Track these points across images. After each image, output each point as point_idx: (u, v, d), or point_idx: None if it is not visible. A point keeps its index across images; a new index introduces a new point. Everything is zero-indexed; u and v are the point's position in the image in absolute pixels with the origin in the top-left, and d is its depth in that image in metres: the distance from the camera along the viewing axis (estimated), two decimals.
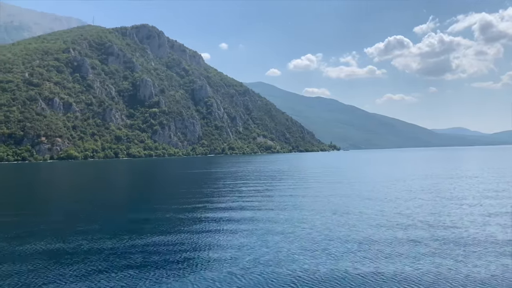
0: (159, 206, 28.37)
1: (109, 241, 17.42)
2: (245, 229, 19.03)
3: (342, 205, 25.79)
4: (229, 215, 23.43)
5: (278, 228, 19.01)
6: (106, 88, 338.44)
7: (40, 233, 19.76)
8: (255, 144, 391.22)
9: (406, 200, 28.06)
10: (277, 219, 21.35)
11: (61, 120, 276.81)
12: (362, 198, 29.63)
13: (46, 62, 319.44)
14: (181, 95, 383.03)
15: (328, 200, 28.71)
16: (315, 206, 25.70)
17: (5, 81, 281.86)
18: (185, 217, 23.23)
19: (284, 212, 23.57)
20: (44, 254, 15.58)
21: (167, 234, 18.51)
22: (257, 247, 15.62)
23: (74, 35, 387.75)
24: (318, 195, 32.40)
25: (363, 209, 24.08)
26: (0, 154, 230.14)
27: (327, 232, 17.81)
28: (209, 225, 20.49)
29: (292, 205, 26.52)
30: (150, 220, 22.75)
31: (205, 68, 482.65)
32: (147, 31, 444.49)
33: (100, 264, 13.90)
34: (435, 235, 16.79)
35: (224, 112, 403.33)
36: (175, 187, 46.37)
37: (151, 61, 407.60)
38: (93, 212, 27.12)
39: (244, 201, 29.70)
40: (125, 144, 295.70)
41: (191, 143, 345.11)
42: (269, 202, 28.45)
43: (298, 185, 41.91)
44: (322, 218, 21.48)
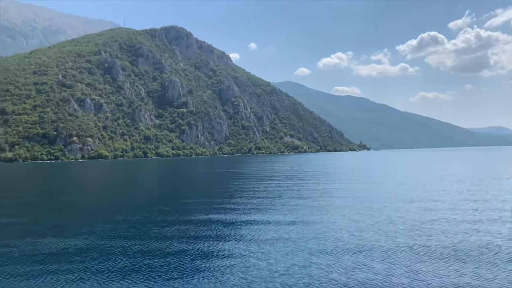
0: (187, 205, 28.26)
1: (135, 239, 17.34)
2: (273, 231, 18.35)
3: (377, 209, 23.91)
4: (256, 216, 22.71)
5: (308, 231, 18.08)
6: (135, 89, 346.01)
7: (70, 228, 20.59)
8: (282, 144, 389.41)
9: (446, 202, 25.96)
10: (306, 222, 20.29)
11: (92, 121, 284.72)
12: (394, 201, 27.59)
13: (79, 64, 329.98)
14: (208, 95, 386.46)
15: (360, 203, 26.79)
16: (347, 210, 24.04)
17: (40, 83, 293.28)
18: (219, 217, 22.69)
19: (314, 215, 22.45)
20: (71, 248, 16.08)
21: (192, 234, 18.09)
22: (286, 252, 14.68)
23: (106, 37, 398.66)
24: (348, 196, 30.80)
25: (397, 213, 22.34)
26: (34, 154, 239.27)
27: (358, 241, 16.26)
28: (237, 226, 19.84)
29: (323, 207, 25.27)
30: (177, 219, 22.45)
31: (232, 68, 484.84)
32: (175, 32, 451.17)
33: (121, 262, 13.89)
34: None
35: (251, 111, 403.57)
36: (212, 186, 45.74)
37: (180, 62, 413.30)
38: (114, 209, 27.52)
39: (270, 202, 28.53)
40: (154, 143, 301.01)
41: (218, 142, 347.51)
42: (299, 205, 26.83)
43: (329, 186, 40.29)
44: (355, 223, 19.87)
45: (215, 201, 30.21)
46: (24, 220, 23.42)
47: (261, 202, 28.58)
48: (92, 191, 45.45)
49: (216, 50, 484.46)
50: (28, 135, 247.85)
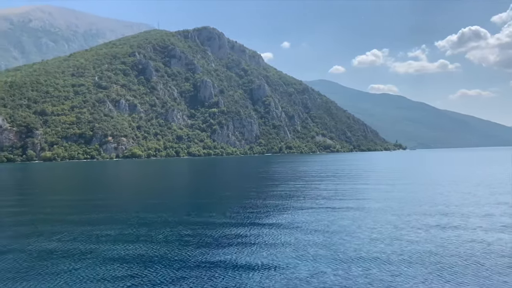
0: (226, 204, 28.42)
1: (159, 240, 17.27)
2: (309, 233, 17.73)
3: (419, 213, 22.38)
4: (294, 217, 22.19)
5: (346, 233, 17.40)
6: (168, 90, 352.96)
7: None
8: (313, 143, 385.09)
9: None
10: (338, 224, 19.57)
11: (126, 121, 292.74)
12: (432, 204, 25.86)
13: (114, 66, 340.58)
14: (239, 95, 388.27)
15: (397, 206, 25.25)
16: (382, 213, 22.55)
17: (78, 85, 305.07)
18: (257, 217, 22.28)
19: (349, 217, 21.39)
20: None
21: (226, 235, 17.80)
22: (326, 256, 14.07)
23: (140, 39, 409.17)
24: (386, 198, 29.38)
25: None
26: (72, 153, 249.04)
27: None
28: (269, 228, 19.22)
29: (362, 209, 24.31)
30: (215, 217, 22.55)
31: (264, 67, 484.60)
32: (208, 33, 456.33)
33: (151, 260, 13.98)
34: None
35: (282, 111, 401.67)
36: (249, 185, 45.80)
37: (212, 62, 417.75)
38: (169, 208, 28.15)
39: (302, 202, 27.97)
40: (186, 143, 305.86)
41: (248, 142, 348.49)
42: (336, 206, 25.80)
43: (365, 186, 39.37)
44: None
45: (261, 201, 29.34)
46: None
47: (297, 202, 27.94)
48: (143, 189, 47.43)
49: (248, 50, 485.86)
50: (66, 135, 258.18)
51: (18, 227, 21.18)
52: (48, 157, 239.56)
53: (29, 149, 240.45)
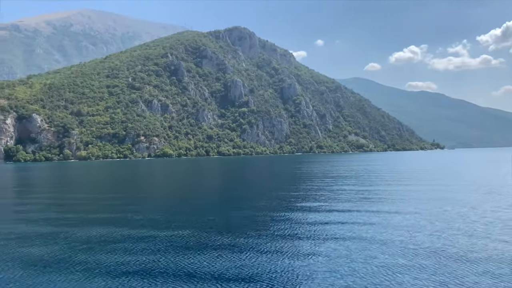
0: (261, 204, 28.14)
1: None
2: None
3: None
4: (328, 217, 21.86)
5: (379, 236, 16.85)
6: (199, 90, 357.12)
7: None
8: (345, 143, 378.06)
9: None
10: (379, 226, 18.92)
11: (158, 121, 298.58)
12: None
13: (147, 67, 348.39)
14: (270, 94, 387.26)
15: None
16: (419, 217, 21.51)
17: (112, 86, 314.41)
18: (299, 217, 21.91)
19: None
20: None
21: (259, 235, 17.48)
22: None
23: (173, 41, 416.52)
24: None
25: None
26: (105, 152, 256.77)
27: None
28: (313, 226, 19.15)
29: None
30: (248, 217, 22.48)
31: (295, 66, 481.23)
32: (239, 32, 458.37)
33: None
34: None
35: (313, 109, 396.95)
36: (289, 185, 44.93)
37: (242, 62, 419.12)
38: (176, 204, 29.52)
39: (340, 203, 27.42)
40: (216, 142, 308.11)
41: (278, 141, 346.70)
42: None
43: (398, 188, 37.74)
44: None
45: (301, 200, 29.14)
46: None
47: (335, 202, 27.44)
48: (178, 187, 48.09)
49: (279, 49, 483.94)
50: (100, 134, 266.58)
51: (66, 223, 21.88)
52: (83, 156, 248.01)
53: (66, 149, 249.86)
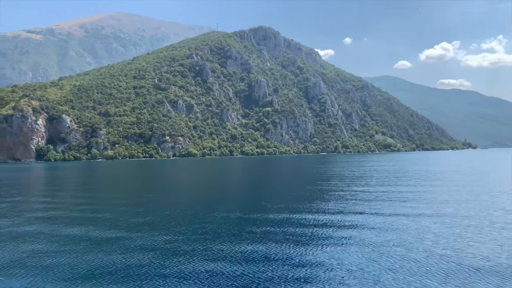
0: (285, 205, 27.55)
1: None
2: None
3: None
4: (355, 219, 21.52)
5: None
6: (224, 90, 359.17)
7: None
8: (372, 142, 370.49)
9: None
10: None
11: (183, 121, 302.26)
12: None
13: (173, 68, 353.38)
14: (294, 94, 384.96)
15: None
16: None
17: (139, 87, 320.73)
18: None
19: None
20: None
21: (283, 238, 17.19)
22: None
23: (198, 41, 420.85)
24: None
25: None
26: (132, 152, 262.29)
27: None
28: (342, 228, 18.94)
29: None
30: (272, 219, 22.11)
31: (321, 64, 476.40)
32: (263, 32, 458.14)
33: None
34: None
35: (339, 108, 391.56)
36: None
37: (267, 62, 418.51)
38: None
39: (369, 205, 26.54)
40: (240, 142, 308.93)
41: (302, 141, 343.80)
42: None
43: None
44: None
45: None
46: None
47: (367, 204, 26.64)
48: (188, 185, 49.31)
49: (304, 48, 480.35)
50: (126, 134, 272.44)
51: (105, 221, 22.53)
52: (110, 156, 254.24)
53: (94, 148, 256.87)
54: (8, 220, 23.45)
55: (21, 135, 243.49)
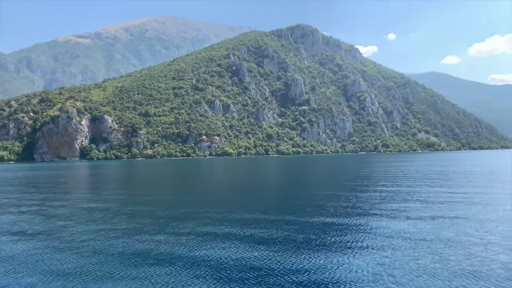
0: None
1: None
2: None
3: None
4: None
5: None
6: (260, 89, 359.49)
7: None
8: (414, 141, 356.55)
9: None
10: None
11: (220, 120, 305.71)
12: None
13: (210, 68, 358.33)
14: (332, 92, 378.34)
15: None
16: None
17: (178, 87, 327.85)
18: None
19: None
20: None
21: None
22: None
23: (235, 42, 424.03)
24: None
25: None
26: (170, 151, 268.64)
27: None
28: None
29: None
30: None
31: (361, 61, 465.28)
32: (301, 30, 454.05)
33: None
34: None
35: (379, 106, 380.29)
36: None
37: (304, 60, 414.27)
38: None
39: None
40: (275, 141, 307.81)
41: (340, 140, 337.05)
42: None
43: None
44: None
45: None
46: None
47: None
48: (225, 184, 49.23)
49: (344, 45, 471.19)
50: (165, 134, 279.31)
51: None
52: (149, 155, 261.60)
53: (134, 148, 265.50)
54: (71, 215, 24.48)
55: (66, 135, 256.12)
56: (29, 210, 26.65)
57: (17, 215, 24.50)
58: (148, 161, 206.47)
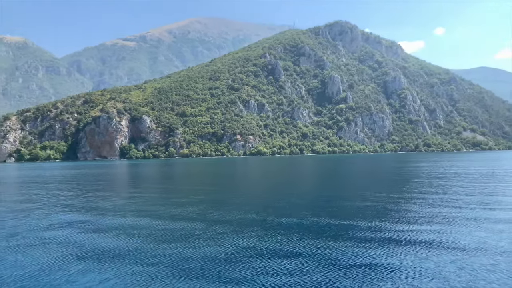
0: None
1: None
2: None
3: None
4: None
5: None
6: (296, 88, 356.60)
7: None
8: (459, 140, 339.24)
9: None
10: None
11: (255, 120, 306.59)
12: None
13: (246, 68, 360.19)
14: (371, 89, 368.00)
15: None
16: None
17: (214, 88, 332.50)
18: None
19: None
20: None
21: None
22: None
23: (272, 41, 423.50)
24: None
25: None
26: (205, 150, 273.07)
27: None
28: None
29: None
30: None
31: (403, 58, 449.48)
32: (339, 27, 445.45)
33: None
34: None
35: (421, 104, 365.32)
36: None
37: (342, 57, 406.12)
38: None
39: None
40: (310, 141, 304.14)
41: (379, 139, 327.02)
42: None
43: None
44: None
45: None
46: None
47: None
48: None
49: (384, 41, 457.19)
50: (201, 133, 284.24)
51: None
52: (185, 154, 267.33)
53: (171, 147, 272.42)
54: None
55: (107, 134, 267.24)
56: (108, 204, 27.82)
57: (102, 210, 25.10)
58: (184, 160, 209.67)
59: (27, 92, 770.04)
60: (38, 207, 26.91)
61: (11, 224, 20.59)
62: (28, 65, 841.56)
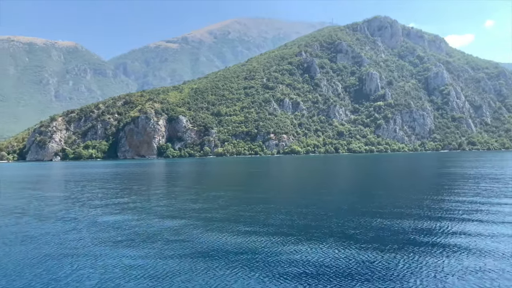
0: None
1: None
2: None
3: None
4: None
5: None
6: (332, 85, 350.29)
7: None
8: (507, 138, 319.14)
9: None
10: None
11: (289, 119, 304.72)
12: None
13: (281, 66, 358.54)
14: (411, 86, 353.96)
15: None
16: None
17: (249, 87, 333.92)
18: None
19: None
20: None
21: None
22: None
23: (309, 38, 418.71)
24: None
25: None
26: (239, 149, 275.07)
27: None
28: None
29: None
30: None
31: (447, 52, 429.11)
32: (378, 22, 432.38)
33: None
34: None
35: (466, 100, 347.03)
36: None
37: (381, 53, 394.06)
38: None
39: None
40: (346, 139, 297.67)
41: (419, 137, 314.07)
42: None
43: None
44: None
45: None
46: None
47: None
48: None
49: (427, 35, 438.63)
50: (235, 133, 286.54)
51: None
52: (220, 153, 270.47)
53: (206, 146, 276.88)
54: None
55: (145, 134, 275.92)
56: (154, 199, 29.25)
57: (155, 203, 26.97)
58: (219, 158, 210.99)
59: (77, 94, 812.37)
60: (88, 203, 28.17)
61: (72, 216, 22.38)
62: (78, 68, 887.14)
